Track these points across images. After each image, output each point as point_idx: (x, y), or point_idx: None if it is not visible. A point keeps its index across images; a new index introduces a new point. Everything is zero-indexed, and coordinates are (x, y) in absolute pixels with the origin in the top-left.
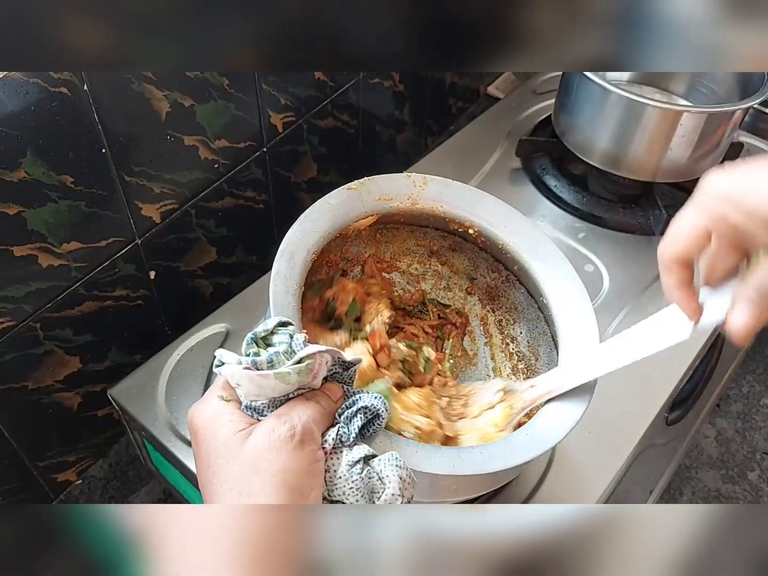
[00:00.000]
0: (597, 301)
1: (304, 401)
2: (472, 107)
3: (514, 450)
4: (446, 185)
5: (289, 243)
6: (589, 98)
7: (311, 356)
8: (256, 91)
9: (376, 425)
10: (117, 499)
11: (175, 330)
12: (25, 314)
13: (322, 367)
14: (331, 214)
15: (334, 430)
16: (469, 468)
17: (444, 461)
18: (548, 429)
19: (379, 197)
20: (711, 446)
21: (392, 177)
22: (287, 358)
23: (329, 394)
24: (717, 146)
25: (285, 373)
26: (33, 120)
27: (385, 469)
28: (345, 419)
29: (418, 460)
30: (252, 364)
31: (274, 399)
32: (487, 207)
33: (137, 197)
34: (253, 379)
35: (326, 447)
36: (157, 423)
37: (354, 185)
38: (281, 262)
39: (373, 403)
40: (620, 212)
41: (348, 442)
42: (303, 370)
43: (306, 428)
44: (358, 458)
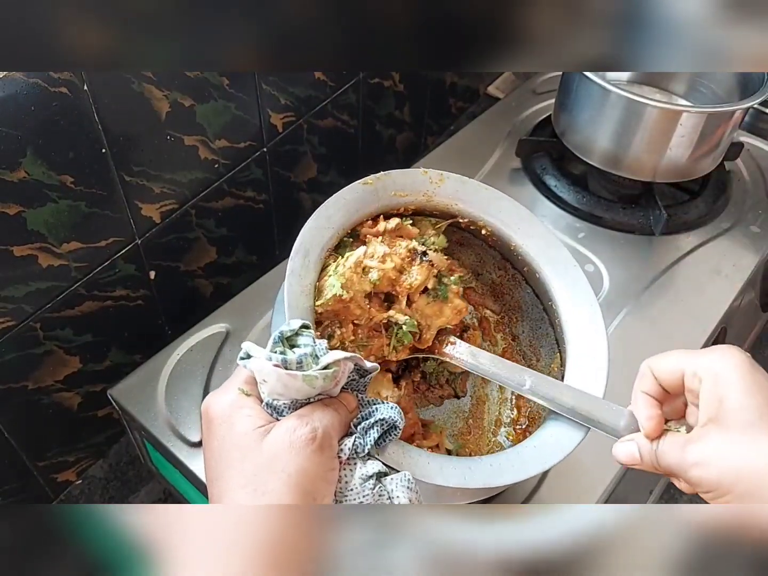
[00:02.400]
0: (597, 301)
1: (324, 407)
2: (472, 107)
3: (523, 462)
4: (462, 183)
5: (303, 240)
6: (589, 98)
7: (337, 363)
8: (256, 91)
9: (392, 435)
10: (117, 499)
11: (175, 330)
12: (25, 314)
13: (344, 374)
14: (347, 209)
15: (350, 440)
16: (479, 481)
17: (455, 473)
18: (556, 440)
19: (394, 193)
20: None
21: (408, 172)
22: (313, 360)
23: (345, 404)
24: (717, 146)
25: (313, 376)
26: (33, 120)
27: (396, 490)
28: (361, 430)
29: (429, 472)
30: (282, 362)
31: (295, 401)
32: (502, 208)
33: (137, 197)
34: (281, 378)
35: (342, 456)
36: (157, 423)
37: (370, 180)
38: (296, 261)
39: (390, 415)
40: (620, 212)
41: (363, 453)
42: (329, 375)
43: (326, 433)
44: (371, 473)
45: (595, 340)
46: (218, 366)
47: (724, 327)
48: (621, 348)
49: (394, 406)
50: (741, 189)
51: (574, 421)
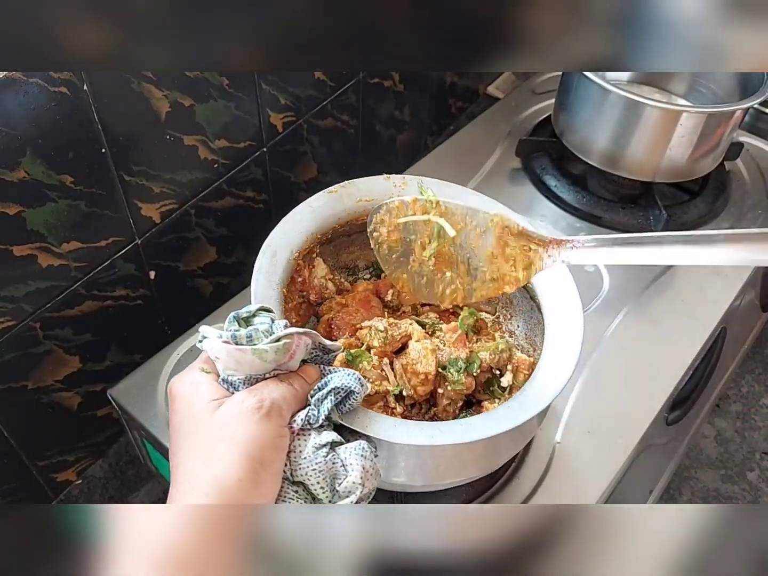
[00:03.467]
0: (597, 301)
1: (277, 381)
2: (472, 107)
3: (494, 421)
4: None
5: (271, 242)
6: (588, 98)
7: (289, 336)
8: (256, 91)
9: (351, 401)
10: (117, 499)
11: (175, 330)
12: (25, 314)
13: (299, 348)
14: (314, 215)
15: (303, 411)
16: (447, 438)
17: (422, 433)
18: (531, 400)
19: (359, 199)
20: (710, 446)
21: (372, 179)
22: (266, 336)
23: (305, 377)
24: (717, 146)
25: (262, 350)
26: (33, 120)
27: (349, 458)
28: (316, 401)
29: (396, 432)
30: (231, 338)
31: (250, 376)
32: (468, 202)
33: (137, 197)
34: (231, 353)
35: (294, 427)
36: (157, 423)
37: (335, 188)
38: (263, 259)
39: (344, 383)
40: (620, 212)
41: (316, 424)
42: (280, 348)
43: (275, 404)
44: (324, 442)
45: (568, 307)
46: None
47: (724, 327)
48: (621, 348)
49: (351, 373)
50: (741, 189)
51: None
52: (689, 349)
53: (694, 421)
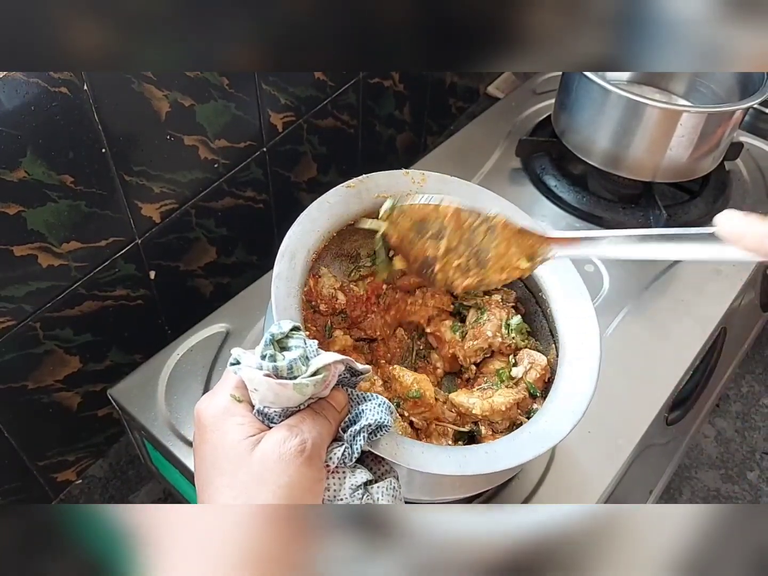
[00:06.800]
0: (597, 301)
1: (314, 415)
2: (472, 107)
3: (518, 448)
4: (444, 181)
5: (289, 243)
6: (588, 98)
7: (327, 367)
8: (256, 91)
9: (382, 432)
10: (117, 499)
11: (175, 330)
12: (25, 314)
13: (334, 377)
14: (330, 212)
15: (339, 449)
16: (474, 468)
17: (449, 461)
18: (551, 426)
19: (377, 195)
20: (711, 446)
21: (391, 174)
22: (303, 364)
23: (335, 405)
24: (717, 146)
25: (303, 385)
26: (33, 120)
27: (382, 498)
28: (349, 437)
29: (424, 461)
30: (272, 370)
31: (286, 408)
32: (486, 202)
33: (137, 197)
34: (272, 387)
35: (330, 465)
36: (157, 423)
37: (352, 183)
38: (282, 264)
39: (377, 418)
40: (620, 212)
41: (350, 463)
42: (319, 381)
43: (315, 444)
44: (360, 483)
45: (586, 329)
46: (218, 366)
47: (724, 327)
48: (621, 348)
49: (382, 403)
50: (741, 189)
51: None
52: (689, 349)
53: (694, 421)
